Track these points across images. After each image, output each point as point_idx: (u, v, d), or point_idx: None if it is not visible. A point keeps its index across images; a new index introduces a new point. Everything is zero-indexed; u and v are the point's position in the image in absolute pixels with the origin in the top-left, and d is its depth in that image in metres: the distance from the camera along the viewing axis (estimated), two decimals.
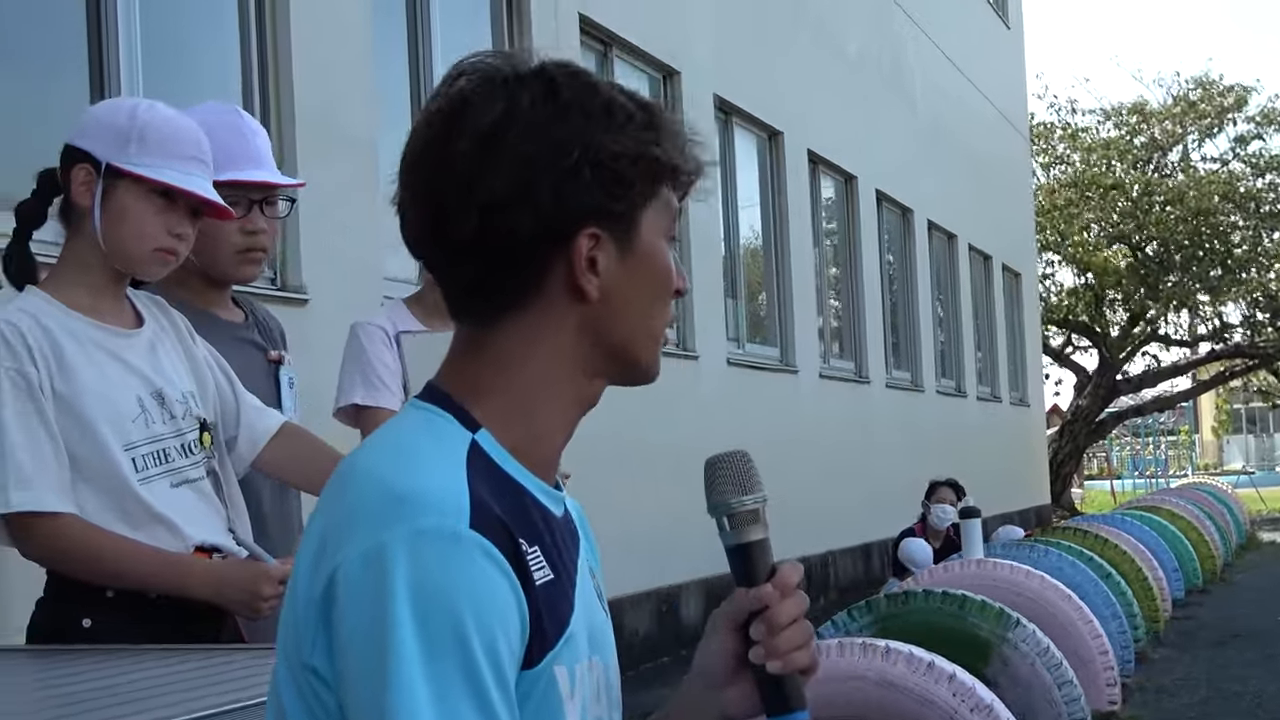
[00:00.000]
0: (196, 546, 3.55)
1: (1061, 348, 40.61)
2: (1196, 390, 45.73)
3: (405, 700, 1.70)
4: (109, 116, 3.61)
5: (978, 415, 25.72)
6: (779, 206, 17.31)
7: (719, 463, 2.05)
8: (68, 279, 3.60)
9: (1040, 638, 8.18)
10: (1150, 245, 37.14)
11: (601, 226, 1.90)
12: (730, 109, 16.01)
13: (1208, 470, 62.24)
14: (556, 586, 1.88)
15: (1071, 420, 37.50)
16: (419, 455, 1.84)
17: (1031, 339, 30.87)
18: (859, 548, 18.60)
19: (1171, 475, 51.13)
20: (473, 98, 1.90)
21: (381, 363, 4.61)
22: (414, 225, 1.93)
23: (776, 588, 1.99)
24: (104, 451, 3.47)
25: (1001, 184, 28.36)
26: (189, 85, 8.35)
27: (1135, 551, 14.42)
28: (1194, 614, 15.75)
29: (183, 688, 2.86)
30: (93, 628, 3.46)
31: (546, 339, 1.93)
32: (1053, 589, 9.88)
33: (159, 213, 3.57)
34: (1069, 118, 39.56)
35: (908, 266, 22.49)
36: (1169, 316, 38.99)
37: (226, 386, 3.84)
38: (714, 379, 14.85)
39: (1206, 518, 20.91)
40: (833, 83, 19.15)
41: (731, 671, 2.03)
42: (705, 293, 14.68)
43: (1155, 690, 11.13)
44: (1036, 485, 30.35)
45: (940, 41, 24.20)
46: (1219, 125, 38.49)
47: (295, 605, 1.83)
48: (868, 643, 6.84)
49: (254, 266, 4.22)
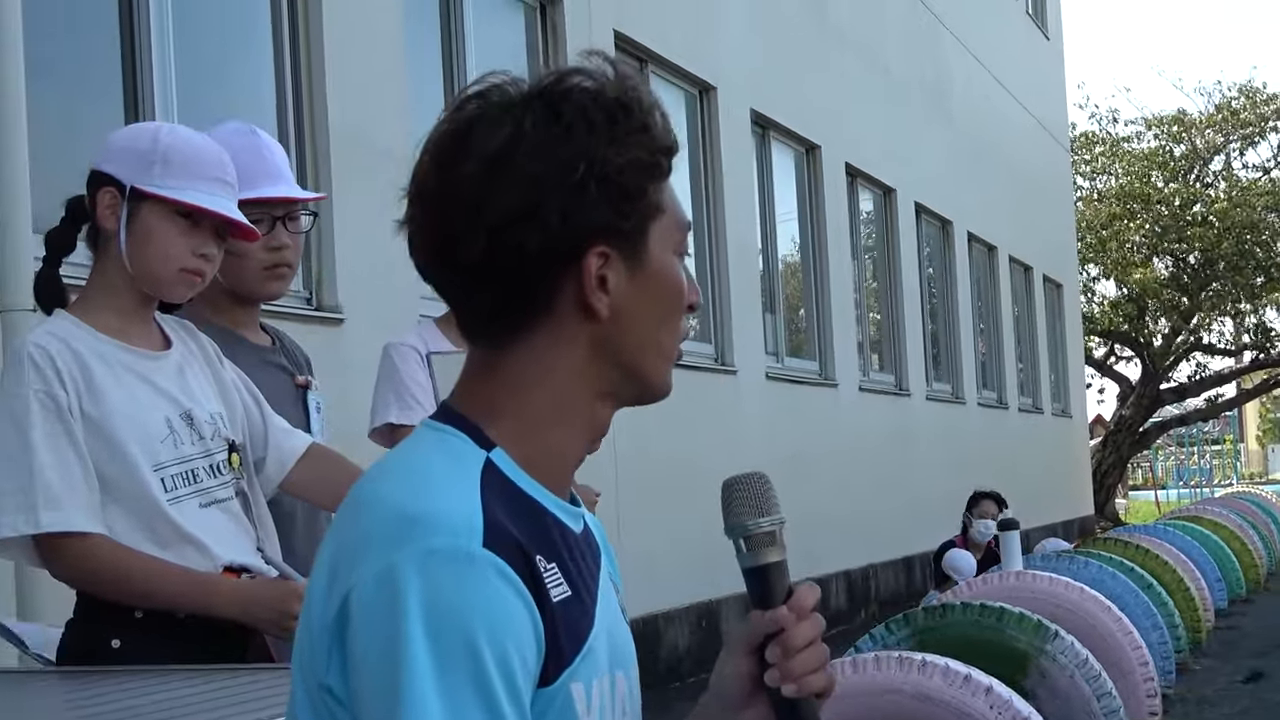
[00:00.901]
0: (225, 566, 3.56)
1: (1104, 358, 40.49)
2: (1241, 399, 45.52)
3: (418, 716, 1.71)
4: (132, 140, 3.63)
5: (1019, 426, 25.64)
6: (817, 220, 17.29)
7: (736, 484, 2.05)
8: (96, 302, 3.62)
9: (1079, 649, 8.14)
10: (1192, 255, 36.99)
11: (610, 244, 1.91)
12: (767, 123, 16.00)
13: (1253, 479, 61.95)
14: (575, 603, 1.88)
15: (1115, 430, 37.40)
16: (431, 476, 1.85)
17: (1073, 350, 30.76)
18: (900, 560, 18.56)
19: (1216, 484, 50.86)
20: (479, 122, 1.91)
21: (415, 382, 4.60)
22: (423, 249, 1.95)
23: (792, 610, 1.99)
24: (133, 472, 3.48)
25: (1042, 195, 28.28)
26: (222, 105, 8.37)
27: (1177, 562, 14.35)
28: (1237, 623, 15.68)
29: (206, 707, 2.87)
30: (122, 648, 3.47)
31: (559, 358, 1.94)
32: (1092, 600, 9.84)
33: (184, 234, 3.58)
34: (1110, 127, 39.47)
35: (948, 279, 22.44)
36: (1212, 325, 38.87)
37: (254, 409, 3.85)
38: (753, 393, 14.84)
39: (1250, 527, 20.78)
40: (870, 95, 19.13)
41: (747, 694, 2.03)
42: (743, 307, 14.67)
43: (1196, 701, 11.09)
44: (1079, 496, 30.25)
45: (979, 52, 24.15)
46: (1261, 133, 38.33)
47: (310, 627, 1.84)
48: (904, 656, 6.82)
49: (281, 283, 4.23)
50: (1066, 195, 32.16)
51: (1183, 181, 37.96)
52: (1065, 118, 32.68)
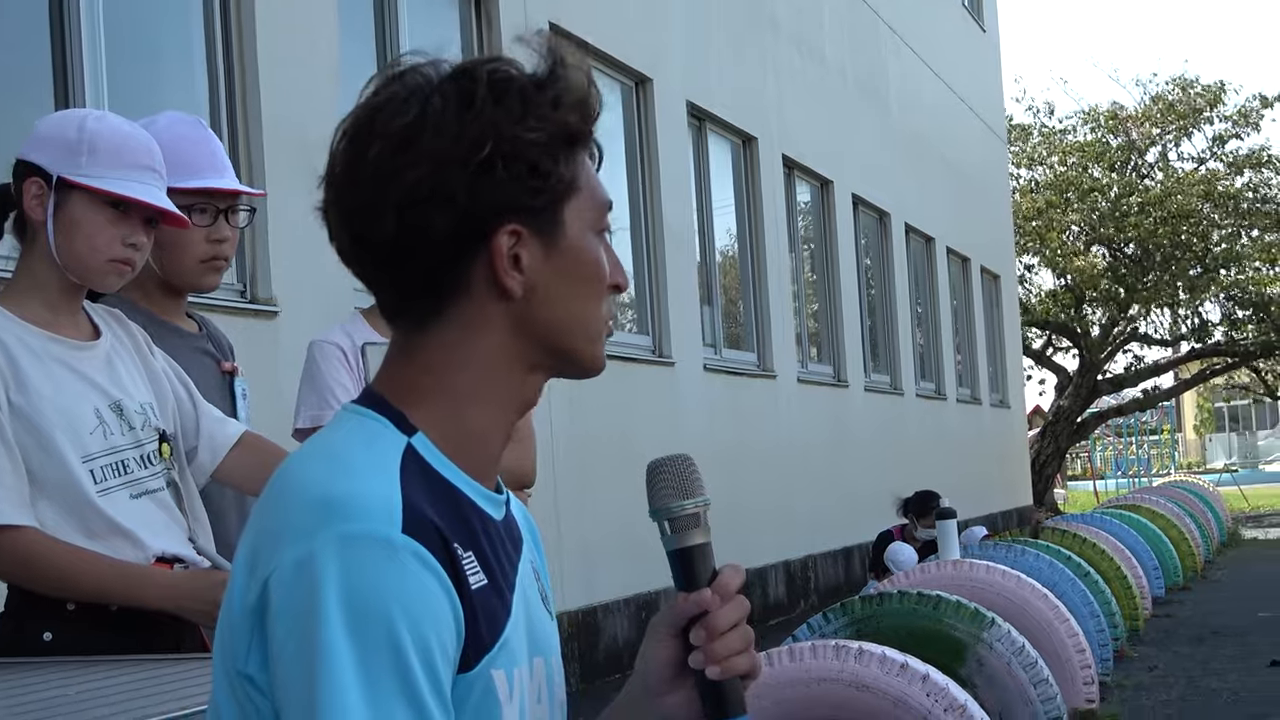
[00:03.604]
0: (157, 557, 3.54)
1: (1043, 349, 40.64)
2: (1178, 389, 45.73)
3: (337, 704, 1.70)
4: (58, 129, 3.59)
5: (958, 418, 25.73)
6: (754, 212, 17.29)
7: (660, 467, 2.05)
8: (23, 292, 3.59)
9: (1016, 637, 8.19)
10: (1129, 245, 37.17)
11: (522, 222, 1.89)
12: (703, 115, 16.00)
13: (1191, 469, 62.33)
14: (491, 591, 1.87)
15: (1053, 421, 37.53)
16: (351, 461, 1.84)
17: (1011, 341, 30.89)
18: (839, 551, 18.60)
19: (1155, 474, 51.16)
20: (387, 103, 1.90)
21: (337, 382, 4.53)
22: (338, 233, 1.93)
23: (717, 592, 1.98)
24: (62, 463, 3.46)
25: (979, 186, 28.39)
26: (155, 98, 8.32)
27: (1114, 550, 14.45)
28: (1174, 612, 15.78)
29: (131, 697, 2.85)
30: (54, 641, 3.45)
31: (477, 339, 1.92)
32: (1029, 589, 9.90)
33: (112, 223, 3.55)
34: (1046, 119, 39.62)
35: (886, 270, 22.48)
36: (1149, 316, 39.06)
37: (186, 398, 3.82)
38: (691, 385, 14.84)
39: (1187, 516, 20.96)
40: (807, 88, 19.15)
41: (672, 678, 2.02)
42: (681, 298, 14.67)
43: (1133, 687, 11.15)
44: (1018, 486, 30.37)
45: (915, 45, 24.21)
46: (1195, 125, 38.54)
47: (231, 614, 1.82)
48: (840, 645, 6.84)
49: (217, 275, 4.19)
50: (1003, 187, 32.28)
51: (1119, 172, 38.14)
52: (1002, 110, 32.80)
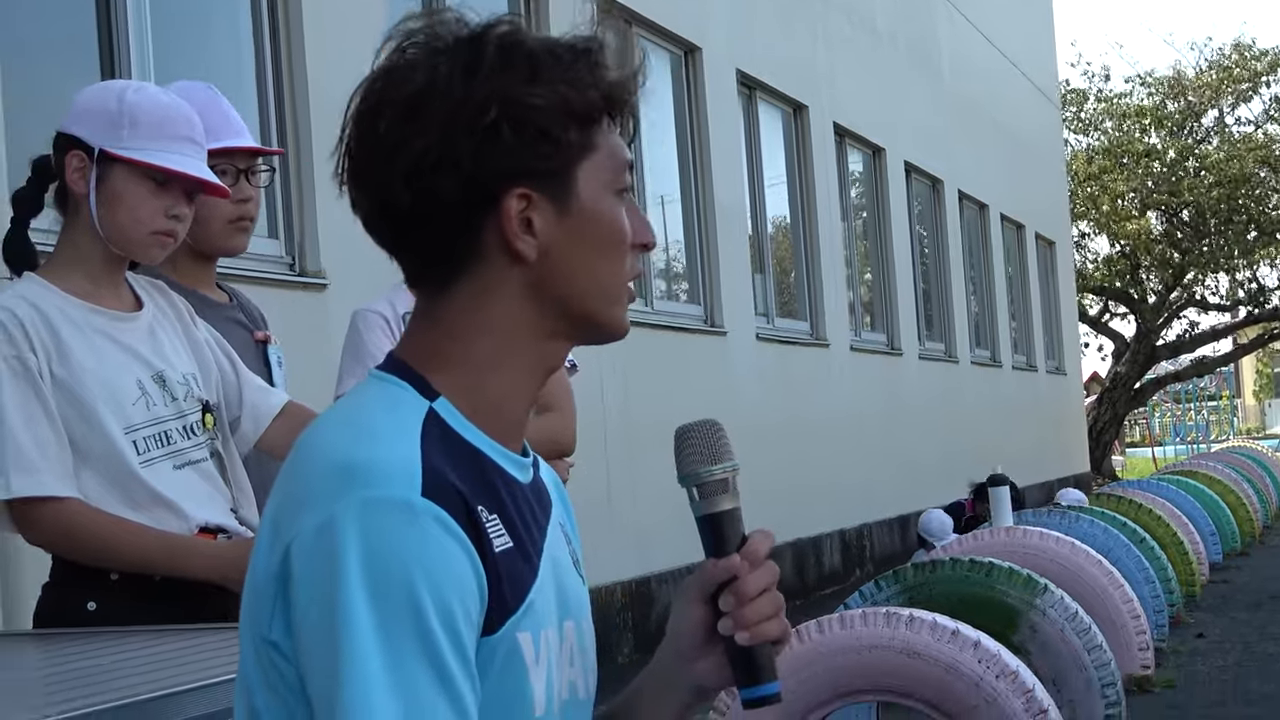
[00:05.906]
0: (200, 528, 3.55)
1: (1099, 315, 40.49)
2: (1236, 354, 45.48)
3: (359, 669, 1.70)
4: (99, 101, 3.59)
5: (1014, 385, 25.64)
6: (805, 181, 17.24)
7: (688, 433, 2.05)
8: (66, 264, 3.60)
9: (1069, 603, 8.14)
10: (1185, 210, 36.97)
11: (532, 186, 1.88)
12: (753, 84, 15.96)
13: (1250, 434, 61.97)
14: (517, 553, 1.86)
15: (1111, 388, 37.41)
16: (372, 426, 1.83)
17: (1067, 307, 30.75)
18: (895, 519, 18.55)
19: (1213, 440, 50.87)
20: (396, 70, 1.90)
21: (380, 349, 4.54)
22: (359, 201, 1.93)
23: (745, 558, 1.99)
24: (105, 435, 3.47)
25: (1033, 152, 28.24)
26: (201, 71, 8.31)
27: (1171, 516, 14.37)
28: (1231, 578, 15.71)
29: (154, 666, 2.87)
30: (97, 611, 3.47)
31: (495, 303, 1.92)
32: (1083, 555, 9.85)
33: (154, 195, 3.56)
34: (1102, 84, 39.44)
35: (939, 238, 22.40)
36: (1206, 281, 38.85)
37: (229, 368, 3.83)
38: (743, 354, 14.82)
39: (1245, 481, 20.80)
40: (858, 55, 19.07)
41: (701, 643, 2.03)
42: (732, 269, 14.65)
43: (1189, 653, 11.11)
44: (1075, 453, 30.26)
45: (967, 10, 24.09)
46: (1254, 89, 38.30)
47: (255, 581, 1.83)
48: (891, 611, 6.81)
49: (244, 235, 4.19)
50: (1057, 152, 32.12)
51: (1176, 136, 37.93)
52: (1056, 75, 32.63)
